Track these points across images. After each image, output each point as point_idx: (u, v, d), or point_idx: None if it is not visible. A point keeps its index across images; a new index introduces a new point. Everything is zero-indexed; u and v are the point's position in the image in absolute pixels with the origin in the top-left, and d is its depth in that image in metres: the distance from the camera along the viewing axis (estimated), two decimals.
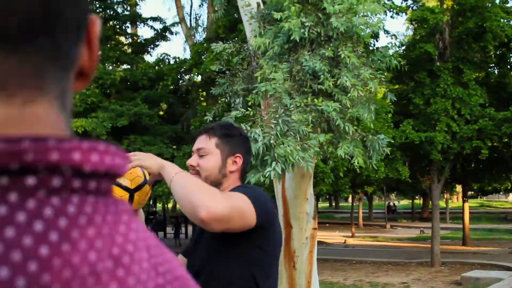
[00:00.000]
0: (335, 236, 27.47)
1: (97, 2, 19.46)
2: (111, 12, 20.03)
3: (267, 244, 2.01)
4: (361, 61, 6.90)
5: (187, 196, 1.80)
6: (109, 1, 19.74)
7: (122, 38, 21.39)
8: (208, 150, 2.07)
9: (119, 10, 20.38)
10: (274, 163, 6.22)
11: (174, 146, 17.31)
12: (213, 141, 2.09)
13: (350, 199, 40.50)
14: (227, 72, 8.78)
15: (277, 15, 7.06)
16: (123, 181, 2.01)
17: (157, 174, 1.99)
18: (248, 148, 2.21)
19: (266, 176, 6.25)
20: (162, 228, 26.60)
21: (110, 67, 18.73)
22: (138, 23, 20.90)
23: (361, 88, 6.69)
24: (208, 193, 1.79)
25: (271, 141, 6.28)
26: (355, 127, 6.93)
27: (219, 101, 9.08)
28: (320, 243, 23.27)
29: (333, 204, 58.58)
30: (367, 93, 6.88)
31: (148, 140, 16.82)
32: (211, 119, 9.30)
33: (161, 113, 20.58)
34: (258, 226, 1.91)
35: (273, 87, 6.64)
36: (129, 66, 20.46)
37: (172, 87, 18.91)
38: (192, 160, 2.10)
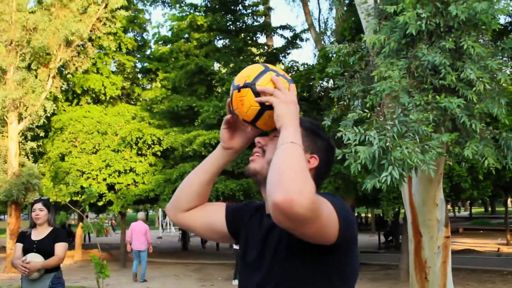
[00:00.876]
0: (488, 244, 25.54)
1: (227, 16, 19.96)
2: (241, 24, 20.44)
3: (346, 267, 1.71)
4: (488, 51, 6.21)
5: (281, 169, 1.45)
6: (238, 14, 20.14)
7: (254, 49, 21.74)
8: None
9: (249, 21, 20.74)
10: (390, 167, 5.78)
11: None
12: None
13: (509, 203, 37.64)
14: (345, 74, 8.46)
15: (390, 9, 6.61)
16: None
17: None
18: (329, 159, 1.87)
19: (383, 181, 5.82)
20: None
21: None
22: (268, 32, 21.12)
23: (488, 81, 6.03)
24: (304, 180, 1.42)
25: (388, 144, 5.84)
26: (483, 125, 6.24)
27: (338, 104, 8.73)
28: (470, 251, 21.82)
29: (489, 209, 55.20)
30: (496, 86, 6.17)
31: None
32: (329, 123, 8.99)
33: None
34: (340, 243, 1.60)
35: (389, 86, 6.19)
36: None
37: (305, 94, 18.80)
38: (263, 138, 1.85)
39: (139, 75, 27.11)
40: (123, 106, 23.01)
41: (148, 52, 27.75)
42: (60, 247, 5.52)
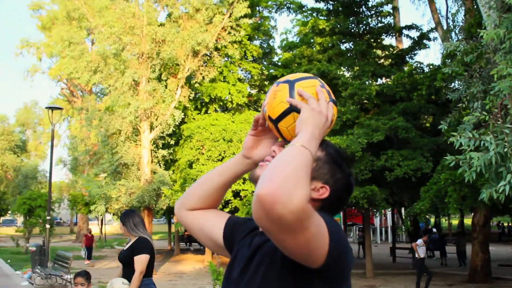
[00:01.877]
0: None
1: (350, 18, 19.48)
2: (365, 26, 19.86)
3: None
4: None
5: (278, 166, 1.33)
6: (362, 16, 19.58)
7: (379, 51, 21.04)
8: None
9: (373, 23, 20.10)
10: (509, 175, 5.15)
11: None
12: (317, 151, 1.61)
13: None
14: (465, 73, 7.76)
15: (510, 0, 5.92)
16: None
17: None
18: (342, 197, 1.66)
19: (500, 191, 5.19)
20: (439, 247, 24.94)
21: (367, 82, 18.44)
22: (393, 33, 20.32)
23: None
24: (300, 183, 1.29)
25: (506, 150, 5.20)
26: None
27: (456, 107, 8.02)
28: None
29: None
30: None
31: (406, 154, 16.05)
32: (446, 127, 8.30)
33: (428, 125, 19.61)
34: (327, 269, 1.44)
35: (508, 85, 5.53)
36: (387, 80, 20.04)
37: (432, 97, 17.84)
38: (279, 148, 1.69)
39: (266, 82, 27.37)
40: (249, 113, 23.33)
41: (275, 58, 27.97)
42: (138, 261, 5.45)
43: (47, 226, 16.14)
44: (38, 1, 35.42)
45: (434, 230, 31.19)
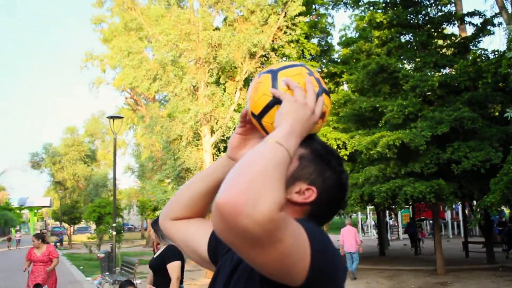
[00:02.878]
0: None
1: (408, 9, 18.96)
2: (424, 17, 19.27)
3: None
4: None
5: (244, 167, 1.11)
6: (421, 6, 19.02)
7: (440, 41, 20.37)
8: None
9: (433, 12, 19.48)
10: None
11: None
12: (301, 148, 1.41)
13: None
14: None
15: None
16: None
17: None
18: (333, 199, 1.45)
19: None
20: None
21: (429, 73, 17.87)
22: (454, 22, 19.62)
23: None
24: (270, 188, 1.07)
25: None
26: None
27: None
28: None
29: None
30: None
31: (473, 146, 15.41)
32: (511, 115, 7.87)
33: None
34: (309, 285, 1.21)
35: None
36: (450, 70, 19.38)
37: (500, 84, 17.07)
38: None
39: (326, 80, 27.08)
40: None
41: (334, 56, 27.65)
42: (171, 268, 5.49)
43: (114, 233, 16.52)
44: (100, 15, 36.48)
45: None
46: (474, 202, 21.84)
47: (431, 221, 27.91)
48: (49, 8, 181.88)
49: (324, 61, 27.03)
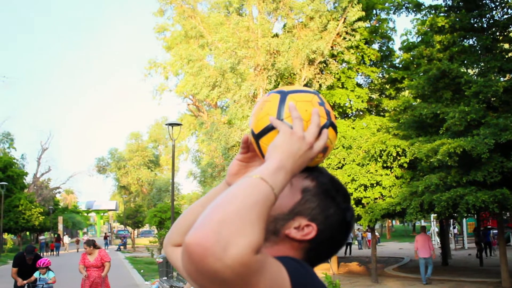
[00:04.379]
0: None
1: (472, 12, 18.42)
2: (489, 20, 18.66)
3: None
4: None
5: (220, 205, 1.03)
6: (484, 9, 18.43)
7: (506, 45, 19.65)
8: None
9: (498, 15, 18.84)
10: None
11: None
12: (307, 180, 1.34)
13: None
14: None
15: None
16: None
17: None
18: (334, 239, 1.36)
19: None
20: None
21: (493, 78, 17.28)
22: None
23: None
24: (246, 228, 0.98)
25: None
26: None
27: None
28: None
29: None
30: None
31: None
32: None
33: None
34: None
35: None
36: None
37: None
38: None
39: (387, 86, 26.66)
40: (370, 119, 22.82)
41: (396, 61, 27.19)
42: None
43: None
44: (163, 24, 37.29)
45: None
46: None
47: (495, 231, 26.87)
48: (117, 18, 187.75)
49: (385, 66, 26.61)
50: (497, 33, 18.96)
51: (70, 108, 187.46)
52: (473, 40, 19.37)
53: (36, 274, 10.60)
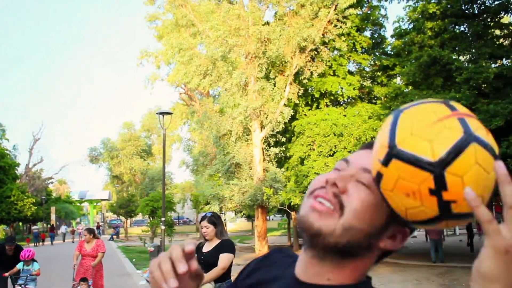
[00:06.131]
0: None
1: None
2: (479, 6, 18.64)
3: None
4: None
5: None
6: None
7: (497, 31, 19.64)
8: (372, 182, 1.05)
9: (489, 1, 18.81)
10: None
11: None
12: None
13: None
14: None
15: None
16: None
17: None
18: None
19: None
20: None
21: (484, 65, 17.29)
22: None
23: None
24: None
25: None
26: None
27: None
28: None
29: None
30: None
31: None
32: None
33: None
34: None
35: None
36: (507, 61, 18.68)
37: None
38: (341, 177, 1.08)
39: (378, 73, 26.62)
40: (361, 106, 22.81)
41: (388, 48, 27.13)
42: (222, 258, 5.54)
43: (162, 227, 16.78)
44: (154, 13, 37.01)
45: None
46: None
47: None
48: (108, 7, 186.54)
49: (376, 53, 26.56)
50: (488, 20, 18.95)
51: (62, 98, 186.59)
52: (464, 26, 19.36)
53: (19, 266, 10.29)
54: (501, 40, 19.28)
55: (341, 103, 24.39)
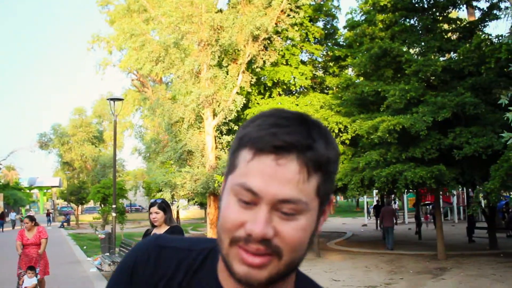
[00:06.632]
0: None
1: None
2: (430, 1, 19.03)
3: None
4: None
5: None
6: None
7: (446, 25, 20.11)
8: (304, 202, 0.94)
9: None
10: None
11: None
12: (314, 180, 0.94)
13: None
14: None
15: None
16: None
17: None
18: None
19: None
20: None
21: (432, 58, 17.68)
22: (460, 5, 19.35)
23: None
24: None
25: None
26: None
27: None
28: None
29: None
30: None
31: (475, 131, 15.28)
32: (506, 102, 7.69)
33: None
34: None
35: None
36: (455, 55, 19.16)
37: (506, 69, 16.83)
38: (261, 225, 0.91)
39: (331, 64, 26.88)
40: (313, 96, 23.00)
41: (340, 39, 27.41)
42: None
43: (113, 214, 16.61)
44: None
45: None
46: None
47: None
48: None
49: (329, 44, 26.80)
50: (437, 14, 19.38)
51: (10, 83, 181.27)
52: (414, 20, 19.74)
53: None
54: (449, 34, 19.75)
55: (294, 92, 24.54)
